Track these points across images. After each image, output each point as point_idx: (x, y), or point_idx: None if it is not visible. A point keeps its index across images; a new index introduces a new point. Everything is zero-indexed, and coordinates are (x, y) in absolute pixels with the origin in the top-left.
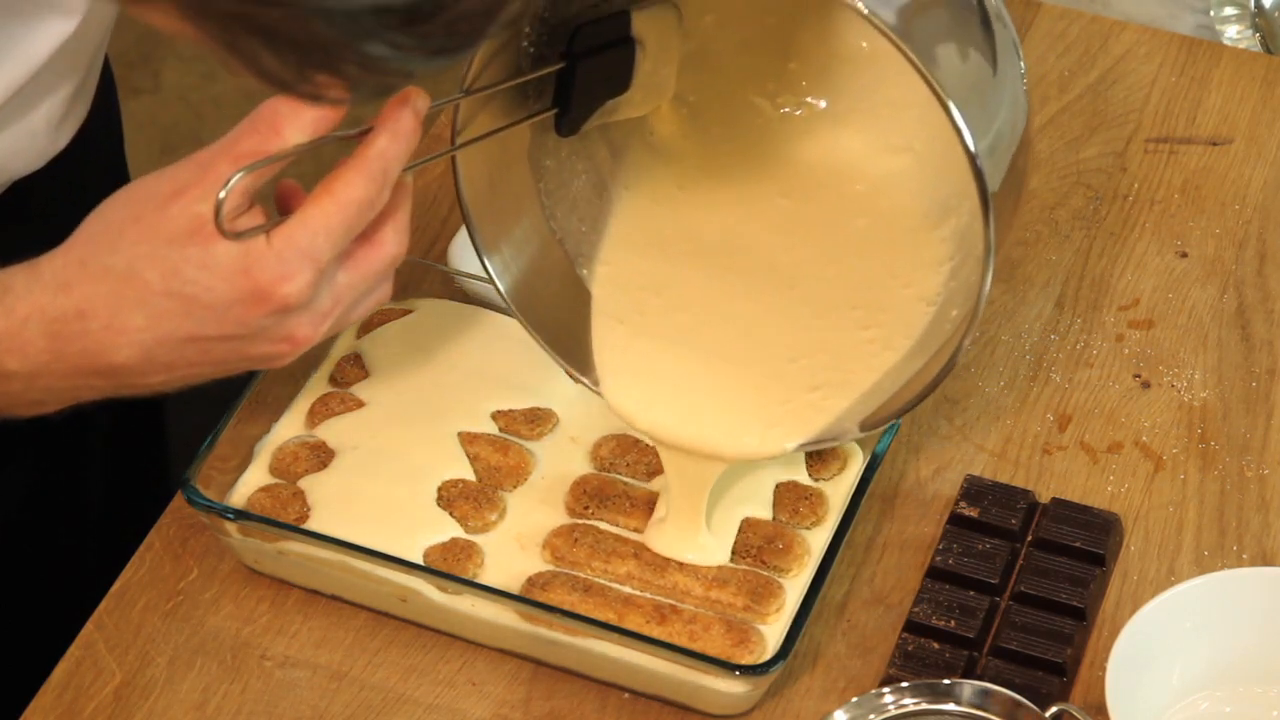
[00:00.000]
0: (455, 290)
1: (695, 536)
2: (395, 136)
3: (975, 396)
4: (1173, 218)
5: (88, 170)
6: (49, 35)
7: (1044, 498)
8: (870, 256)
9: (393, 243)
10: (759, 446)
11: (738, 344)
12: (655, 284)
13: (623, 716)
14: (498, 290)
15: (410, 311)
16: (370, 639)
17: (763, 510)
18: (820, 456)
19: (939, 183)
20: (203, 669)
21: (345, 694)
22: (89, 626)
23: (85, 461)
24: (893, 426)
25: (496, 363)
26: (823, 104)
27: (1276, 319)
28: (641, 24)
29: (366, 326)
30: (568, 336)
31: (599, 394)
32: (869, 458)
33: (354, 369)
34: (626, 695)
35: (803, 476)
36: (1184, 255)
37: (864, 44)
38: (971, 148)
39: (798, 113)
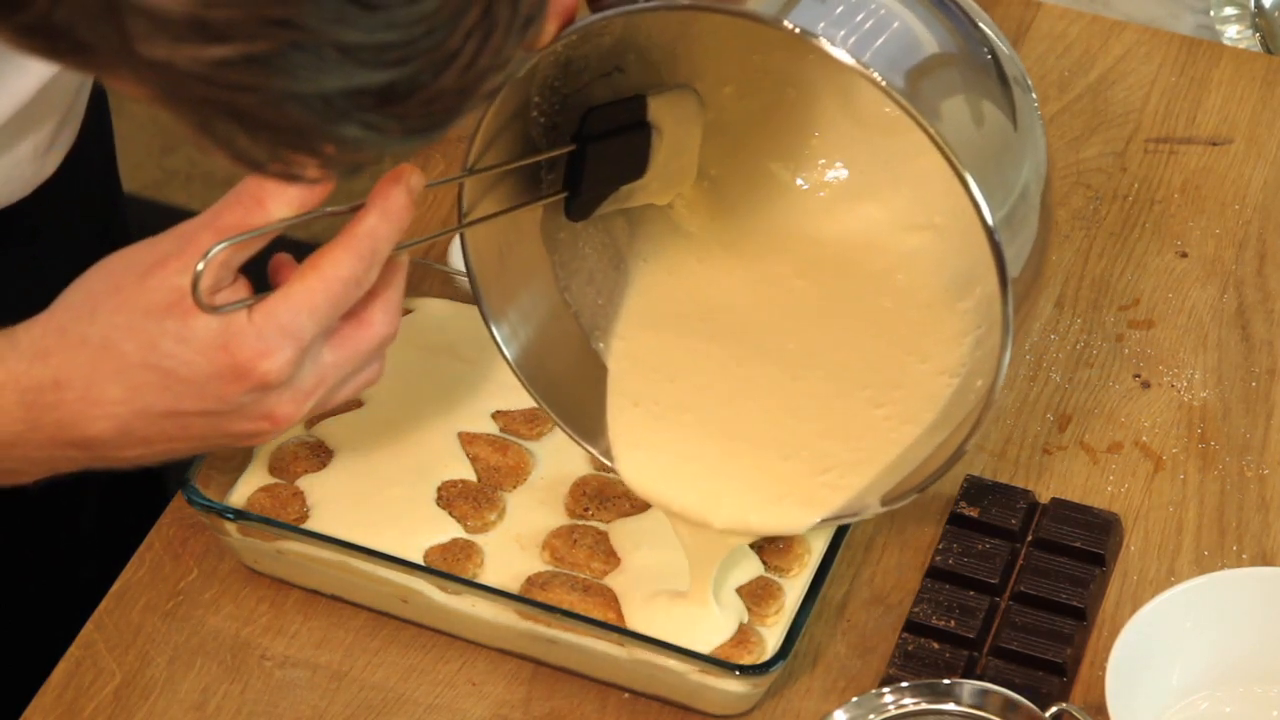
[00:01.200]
0: (455, 290)
1: (706, 613)
2: (386, 215)
3: None
4: (1173, 218)
5: (78, 193)
6: (35, 70)
7: (1044, 498)
8: (887, 335)
9: (381, 323)
10: (778, 523)
11: (754, 424)
12: (672, 362)
13: (623, 716)
14: (506, 360)
15: (410, 311)
16: (370, 639)
17: None
18: None
19: (961, 255)
20: (203, 669)
21: (345, 694)
22: (89, 626)
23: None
24: None
25: (496, 363)
26: (844, 174)
27: (1276, 319)
28: (658, 109)
29: None
30: (577, 406)
31: (611, 466)
32: None
33: None
34: (626, 695)
35: None
36: (1184, 255)
37: (887, 109)
38: (989, 221)
39: (820, 187)
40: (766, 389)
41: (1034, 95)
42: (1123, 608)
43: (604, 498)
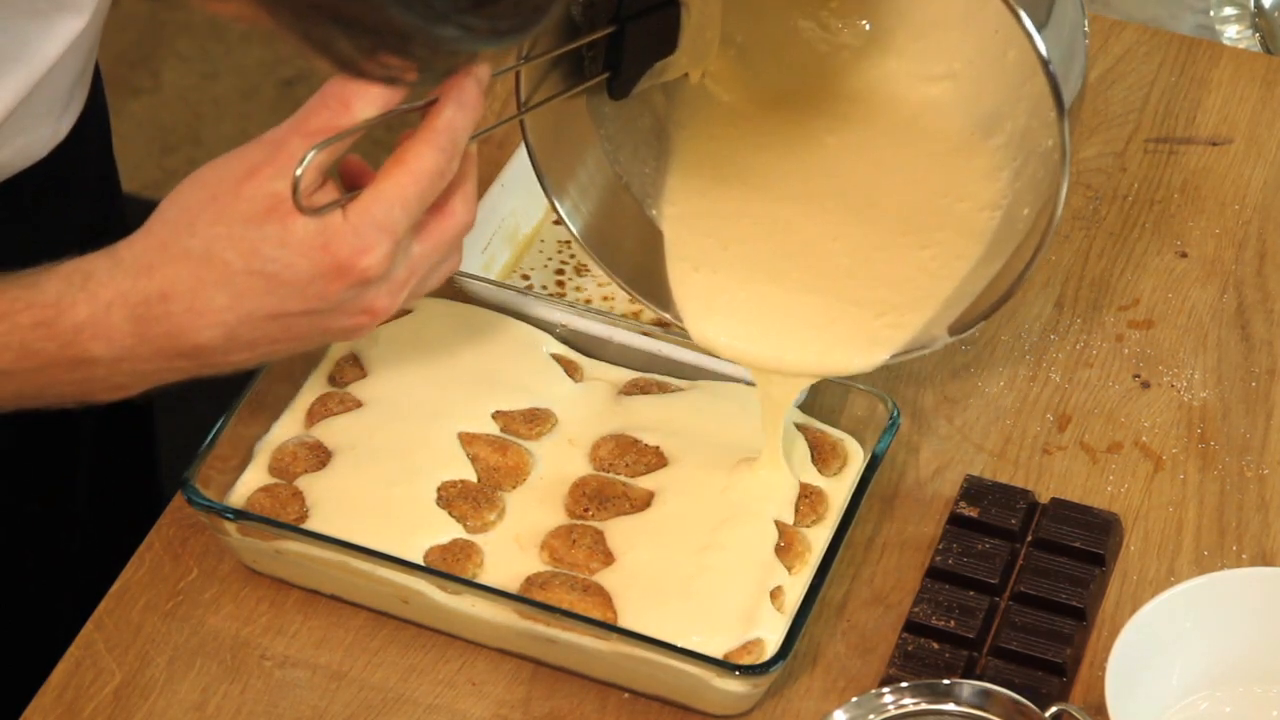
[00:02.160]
0: (455, 290)
1: (778, 458)
2: (461, 106)
3: (975, 396)
4: (1173, 218)
5: (76, 167)
6: (62, 33)
7: (1044, 498)
8: (921, 181)
9: (463, 211)
10: (847, 363)
11: (810, 273)
12: (723, 223)
13: (623, 716)
14: (572, 234)
15: (409, 311)
16: (370, 639)
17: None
18: (821, 453)
19: (986, 95)
20: (203, 669)
21: (345, 694)
22: (89, 626)
23: (73, 463)
24: (892, 426)
25: (495, 363)
26: (866, 26)
27: (1276, 319)
28: None
29: None
30: (644, 274)
31: (683, 328)
32: (869, 458)
33: (352, 369)
34: (626, 695)
35: (808, 474)
36: (1184, 255)
37: None
38: (1044, 53)
39: (842, 38)
40: (814, 243)
41: None
42: (1123, 608)
43: (603, 498)
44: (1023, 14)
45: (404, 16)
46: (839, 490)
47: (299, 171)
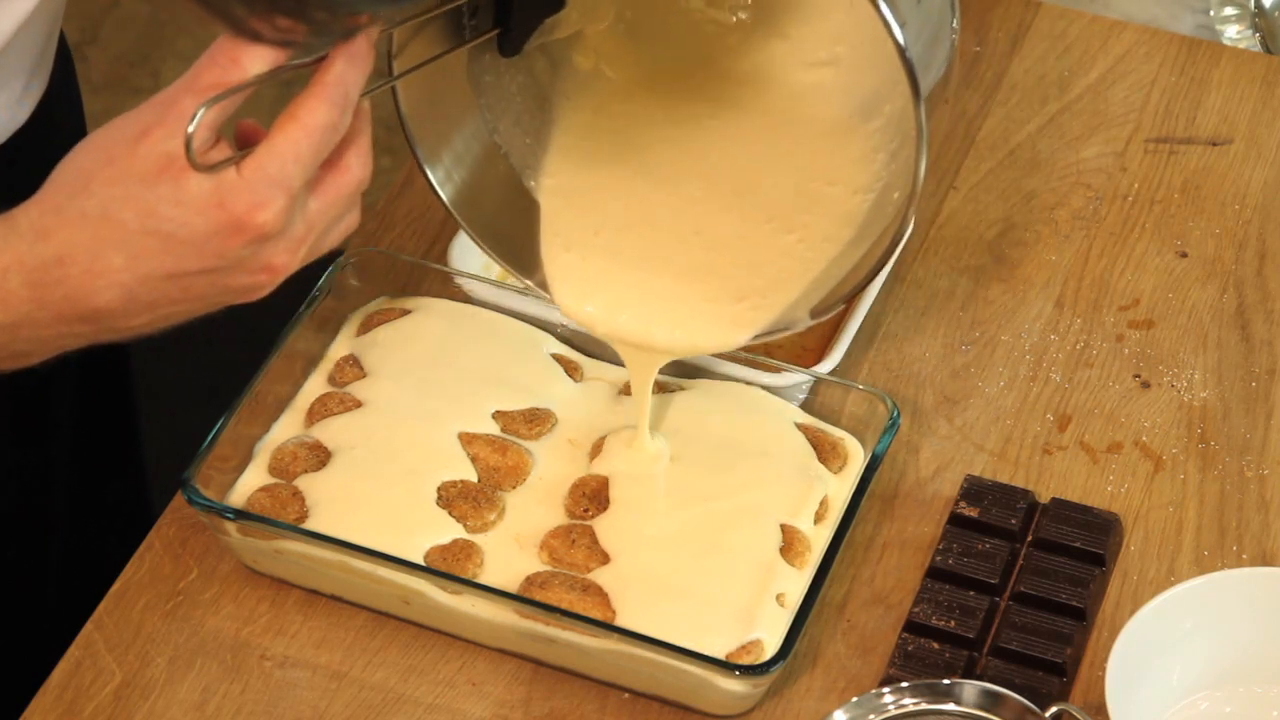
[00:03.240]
0: (455, 290)
1: (642, 437)
2: (352, 60)
3: (975, 396)
4: (1173, 218)
5: (49, 146)
6: (12, 13)
7: (1044, 498)
8: (794, 165)
9: (358, 166)
10: (711, 341)
11: (677, 257)
12: (599, 198)
13: (623, 716)
14: (441, 202)
15: (410, 311)
16: (370, 639)
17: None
18: (821, 452)
19: (866, 80)
20: (203, 669)
21: (345, 694)
22: (89, 626)
23: (53, 461)
24: (892, 426)
25: (495, 363)
26: (743, 13)
27: (1276, 319)
28: None
29: (365, 326)
30: (512, 242)
31: (548, 298)
32: (869, 458)
33: (352, 369)
34: (626, 695)
35: (817, 472)
36: (1184, 255)
37: None
38: (900, 40)
39: (729, 19)
40: (682, 227)
41: None
42: (1123, 608)
43: (603, 498)
44: (881, 3)
45: None
46: (839, 490)
47: (191, 128)
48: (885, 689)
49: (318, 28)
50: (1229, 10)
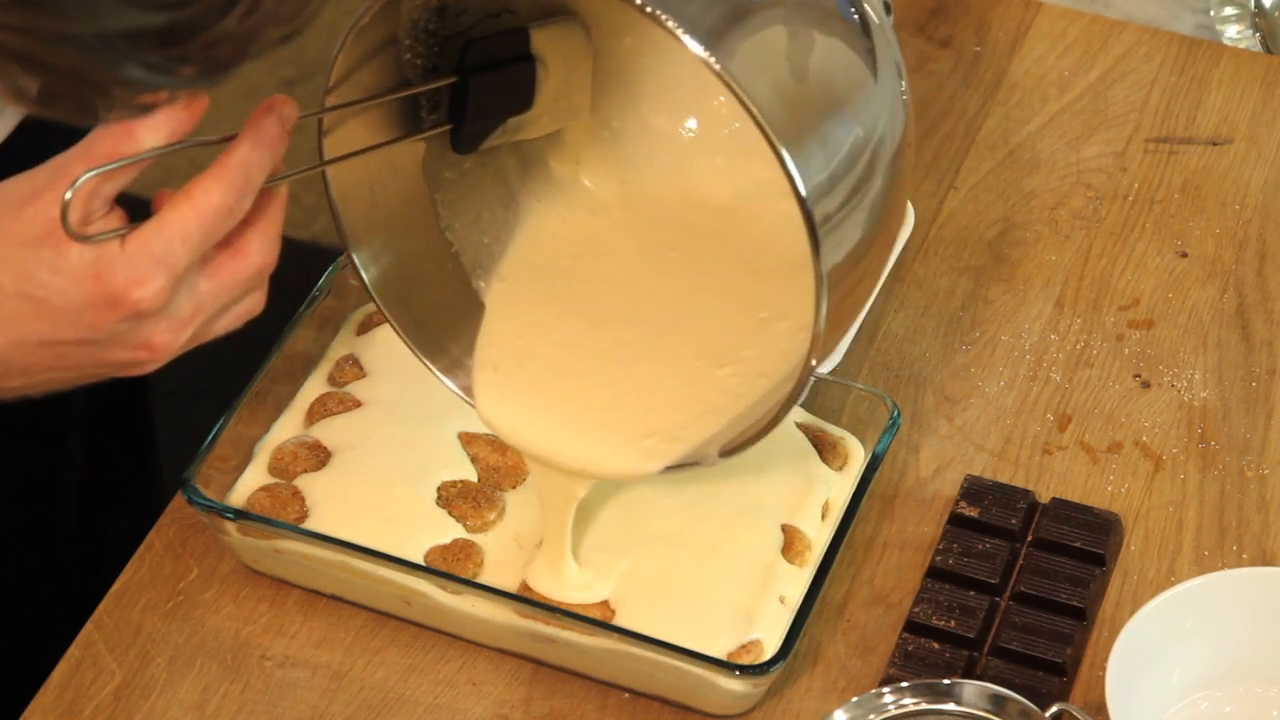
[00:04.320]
0: None
1: (562, 568)
2: (258, 144)
3: (975, 396)
4: (1173, 218)
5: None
6: None
7: (1044, 498)
8: (742, 300)
9: (258, 252)
10: (620, 469)
11: (609, 380)
12: (547, 312)
13: (623, 716)
14: (362, 282)
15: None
16: (370, 639)
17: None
18: (822, 451)
19: None
20: (203, 669)
21: (345, 694)
22: (89, 626)
23: (65, 461)
24: (892, 426)
25: None
26: (736, 132)
27: (1276, 319)
28: (542, 42)
29: (365, 326)
30: (434, 339)
31: (466, 400)
32: (869, 458)
33: (352, 369)
34: (626, 695)
35: (818, 470)
36: (1184, 255)
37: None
38: (802, 192)
39: (715, 148)
40: (631, 345)
41: (895, 48)
42: (1123, 608)
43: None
44: (788, 161)
45: (79, 55)
46: (839, 489)
47: (68, 196)
48: (885, 689)
49: (114, 103)
50: (1229, 10)
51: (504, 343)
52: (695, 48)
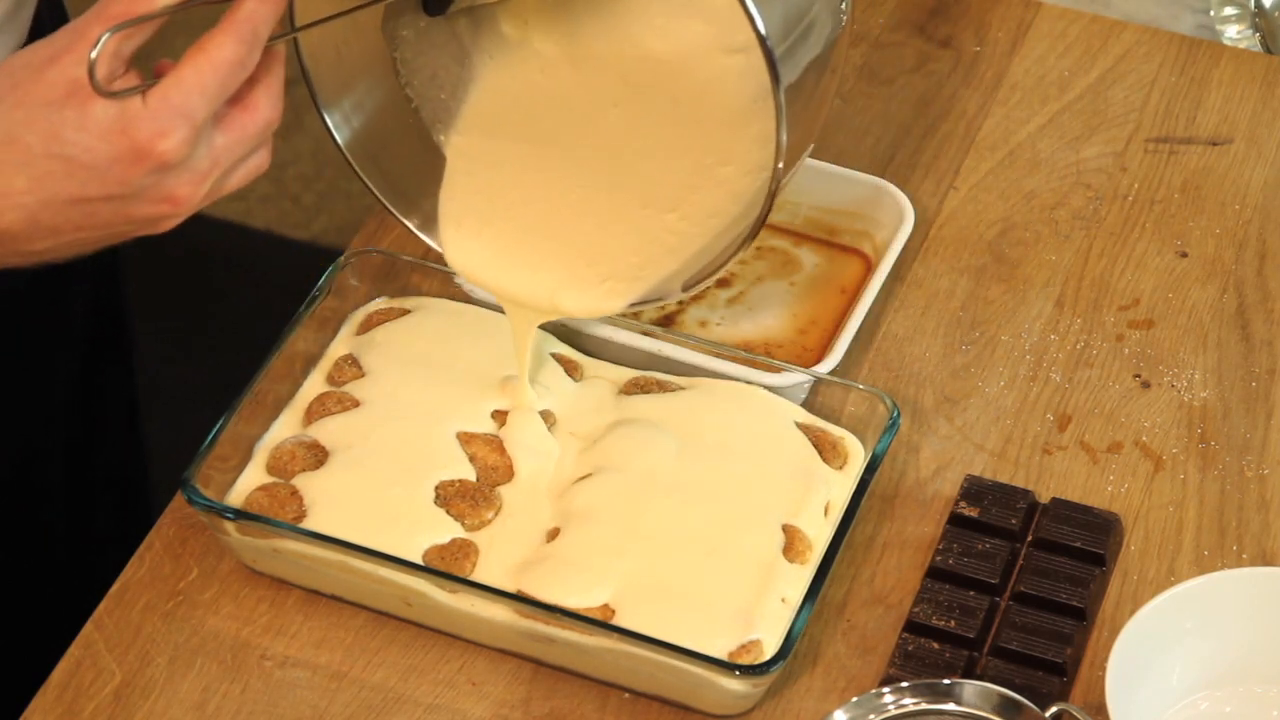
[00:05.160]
0: (454, 290)
1: (523, 384)
2: None
3: (975, 396)
4: (1173, 218)
5: None
6: None
7: (1044, 498)
8: (688, 148)
9: (266, 107)
10: (588, 306)
11: (566, 226)
12: (501, 162)
13: (623, 716)
14: (335, 143)
15: (409, 311)
16: (370, 639)
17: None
18: (822, 451)
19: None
20: (203, 669)
21: (345, 694)
22: (89, 626)
23: (55, 461)
24: (892, 426)
25: (494, 362)
26: None
27: (1276, 319)
28: None
29: (364, 326)
30: (405, 189)
31: (434, 245)
32: (869, 458)
33: (351, 369)
34: (626, 695)
35: (818, 469)
36: (1184, 255)
37: None
38: (761, 30)
39: (659, 6)
40: (583, 195)
41: None
42: (1123, 608)
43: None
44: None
45: None
46: (840, 489)
47: (94, 55)
48: (885, 689)
49: None
50: (1229, 10)
51: (465, 196)
52: None
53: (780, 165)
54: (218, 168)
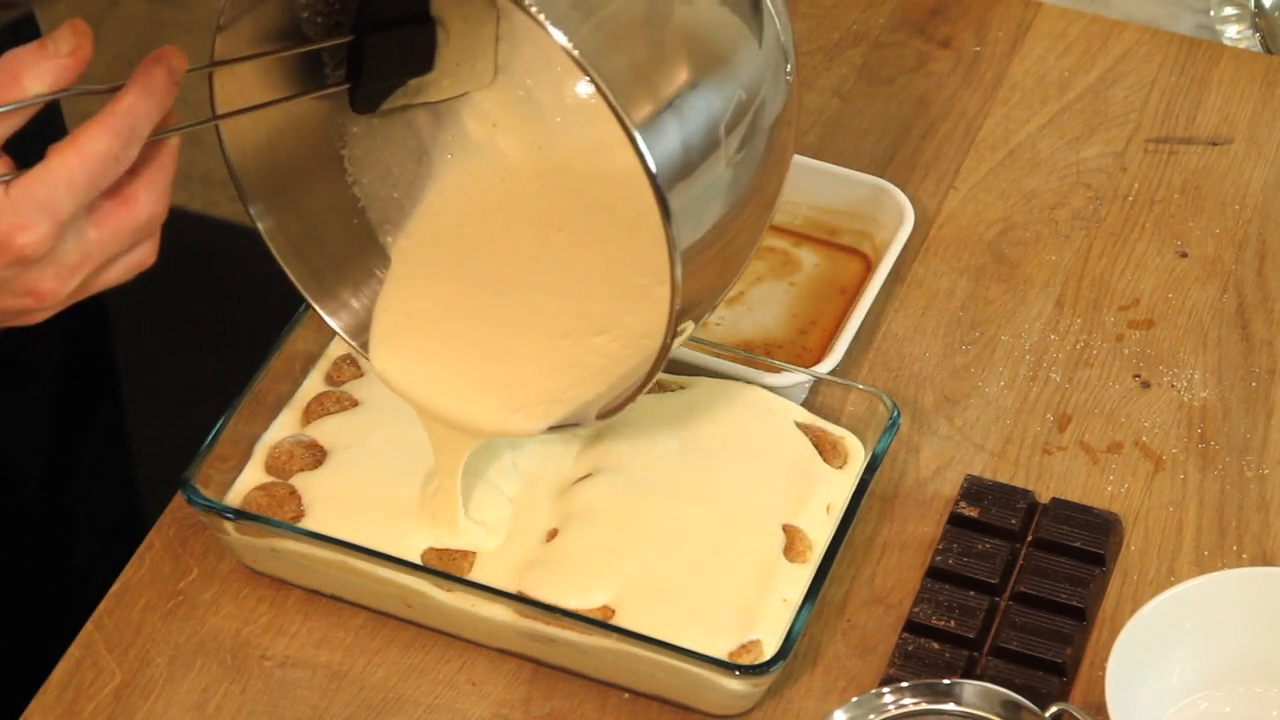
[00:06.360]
0: None
1: (454, 517)
2: (145, 93)
3: (975, 396)
4: (1173, 218)
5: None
6: None
7: (1044, 498)
8: (627, 270)
9: (147, 201)
10: (508, 426)
11: (502, 343)
12: (448, 273)
13: (623, 716)
14: (259, 229)
15: None
16: (370, 639)
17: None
18: (822, 451)
19: None
20: (203, 669)
21: (345, 694)
22: (89, 626)
23: (45, 461)
24: (892, 426)
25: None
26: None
27: (1276, 319)
28: (443, 3)
29: None
30: (331, 288)
31: (353, 345)
32: (869, 458)
33: (349, 368)
34: (626, 695)
35: (819, 469)
36: (1184, 255)
37: None
38: (651, 167)
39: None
40: (515, 317)
41: (783, 25)
42: (1123, 608)
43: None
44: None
45: None
46: (840, 488)
47: None
48: (885, 689)
49: None
50: (1229, 10)
51: (403, 302)
52: (556, 34)
53: (677, 302)
54: (89, 262)
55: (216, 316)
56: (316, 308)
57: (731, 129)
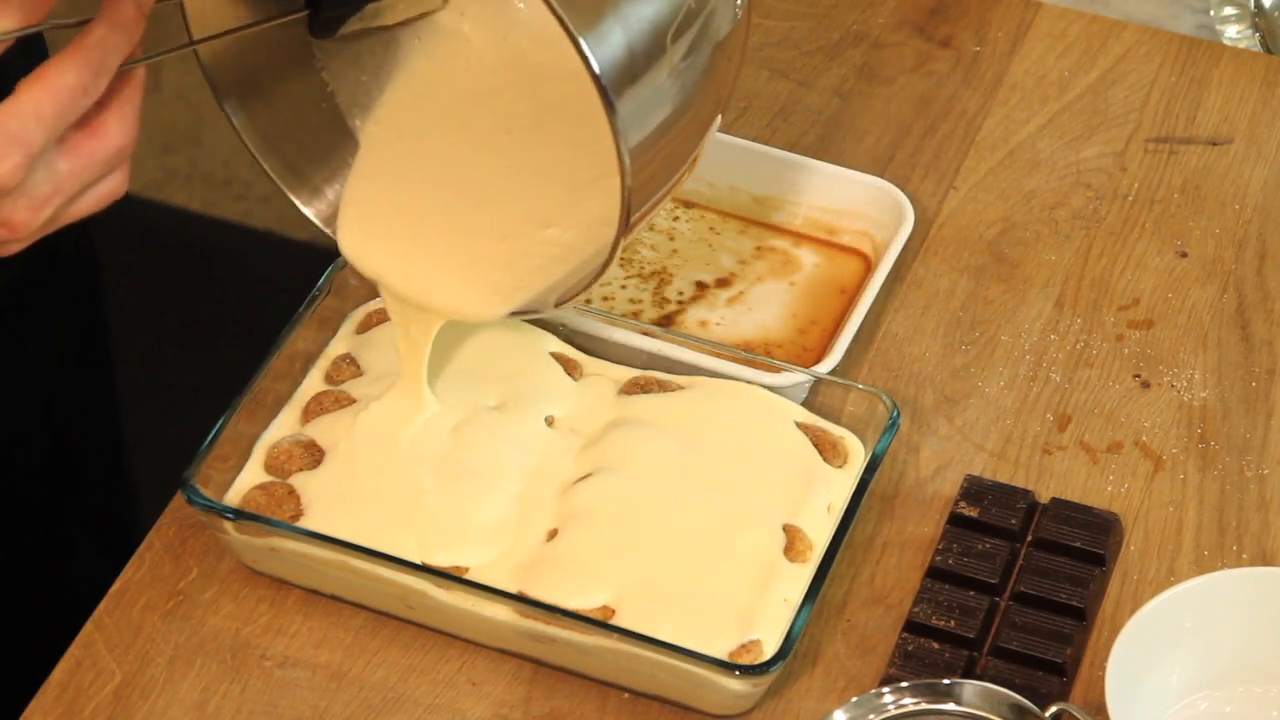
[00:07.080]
0: None
1: (420, 395)
2: (114, 26)
3: (975, 396)
4: (1173, 218)
5: None
6: None
7: (1044, 498)
8: (583, 163)
9: (116, 132)
10: (471, 310)
11: (464, 227)
12: (414, 155)
13: (623, 716)
14: (232, 125)
15: None
16: (370, 639)
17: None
18: (822, 450)
19: None
20: (203, 669)
21: (345, 694)
22: (89, 626)
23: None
24: (892, 426)
25: (493, 361)
26: None
27: (1276, 319)
28: None
29: (364, 325)
30: (308, 178)
31: (324, 228)
32: (869, 457)
33: (349, 367)
34: (626, 695)
35: (818, 469)
36: (1184, 255)
37: None
38: (595, 69)
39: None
40: (477, 207)
41: None
42: (1123, 608)
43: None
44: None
45: None
46: (840, 488)
47: None
48: (885, 689)
49: None
50: (1229, 10)
51: (369, 190)
52: None
53: (628, 182)
54: (61, 194)
55: (216, 316)
56: (291, 196)
57: (685, 38)
